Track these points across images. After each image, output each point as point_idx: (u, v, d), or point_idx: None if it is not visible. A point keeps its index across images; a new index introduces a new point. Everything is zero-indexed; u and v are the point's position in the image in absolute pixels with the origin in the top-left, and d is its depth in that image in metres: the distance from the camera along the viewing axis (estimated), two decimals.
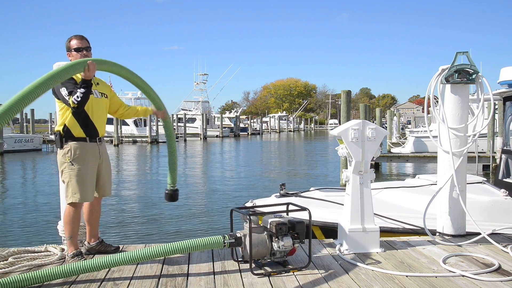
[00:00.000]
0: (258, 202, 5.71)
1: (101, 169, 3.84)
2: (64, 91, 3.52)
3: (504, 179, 5.69)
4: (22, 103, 2.72)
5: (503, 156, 5.85)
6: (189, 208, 11.17)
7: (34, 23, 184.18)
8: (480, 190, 5.29)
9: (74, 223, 3.68)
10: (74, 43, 3.77)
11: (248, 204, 5.57)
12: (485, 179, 5.87)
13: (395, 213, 4.97)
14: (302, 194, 5.87)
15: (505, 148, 5.86)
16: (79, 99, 3.43)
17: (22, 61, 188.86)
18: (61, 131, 3.64)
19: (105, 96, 3.88)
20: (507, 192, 5.07)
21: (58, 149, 3.68)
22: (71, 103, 3.47)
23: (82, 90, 3.42)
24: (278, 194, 5.85)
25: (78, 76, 3.57)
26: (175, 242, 3.34)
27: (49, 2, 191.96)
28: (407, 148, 21.79)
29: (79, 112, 3.62)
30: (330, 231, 4.79)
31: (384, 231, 4.45)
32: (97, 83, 3.85)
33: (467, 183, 4.45)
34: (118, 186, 15.16)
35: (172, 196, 4.21)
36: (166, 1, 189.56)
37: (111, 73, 3.71)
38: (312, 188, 6.29)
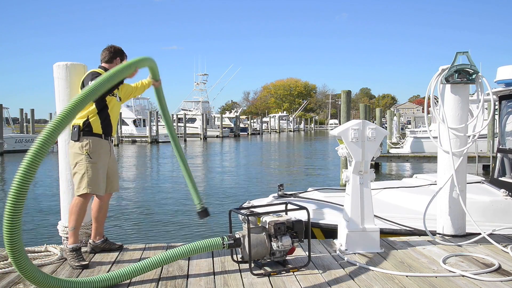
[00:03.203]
0: (256, 202, 5.69)
1: (110, 165, 3.94)
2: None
3: (500, 178, 5.70)
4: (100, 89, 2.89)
5: (499, 155, 5.85)
6: (189, 208, 11.17)
7: (34, 23, 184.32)
8: (479, 190, 5.29)
9: (80, 215, 3.71)
10: (125, 58, 4.03)
11: (246, 205, 5.56)
12: (484, 178, 5.87)
13: (395, 214, 4.97)
14: (300, 195, 5.84)
15: (501, 147, 5.86)
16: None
17: (22, 61, 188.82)
18: (81, 125, 3.71)
19: (120, 99, 4.01)
20: (507, 192, 5.07)
21: (73, 141, 3.73)
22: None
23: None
24: (276, 195, 5.83)
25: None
26: (174, 249, 3.34)
27: (49, 2, 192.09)
28: (406, 148, 21.81)
29: (104, 112, 3.77)
30: (331, 232, 4.78)
31: (384, 233, 4.44)
32: (118, 89, 3.98)
33: (466, 183, 4.45)
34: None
35: (206, 212, 4.30)
36: (164, 1, 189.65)
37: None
38: (310, 189, 6.25)
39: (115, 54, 3.95)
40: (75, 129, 3.72)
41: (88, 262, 3.65)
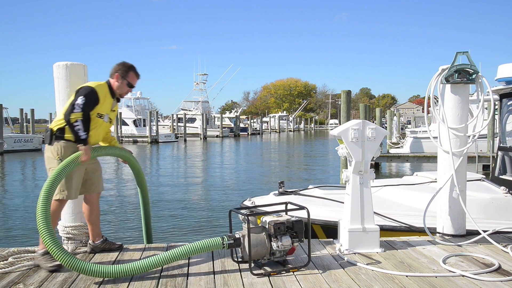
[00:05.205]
0: (257, 200, 5.70)
1: (90, 168, 3.87)
2: (81, 100, 3.54)
3: (501, 176, 5.70)
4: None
5: (500, 153, 5.85)
6: (190, 208, 11.18)
7: (34, 23, 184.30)
8: (479, 187, 5.29)
9: (54, 220, 3.63)
10: (132, 76, 3.87)
11: (246, 202, 5.57)
12: (484, 176, 5.87)
13: (395, 211, 4.97)
14: (301, 192, 5.85)
15: (501, 145, 5.87)
16: (74, 127, 3.52)
17: (22, 61, 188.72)
18: (54, 130, 3.66)
19: (110, 121, 3.94)
20: (507, 189, 5.07)
21: (47, 145, 3.70)
22: (71, 116, 3.51)
23: (84, 134, 3.56)
24: (276, 192, 5.83)
25: (107, 100, 3.74)
26: (174, 249, 3.35)
27: (49, 2, 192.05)
28: (406, 148, 21.82)
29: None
30: (331, 229, 4.78)
31: (384, 230, 4.45)
32: (113, 110, 3.91)
33: (466, 181, 4.45)
34: (118, 185, 15.17)
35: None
36: (164, 1, 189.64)
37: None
38: (310, 186, 6.26)
39: (115, 69, 3.85)
40: (48, 132, 3.67)
41: (61, 263, 3.47)
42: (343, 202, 4.14)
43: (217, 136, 54.50)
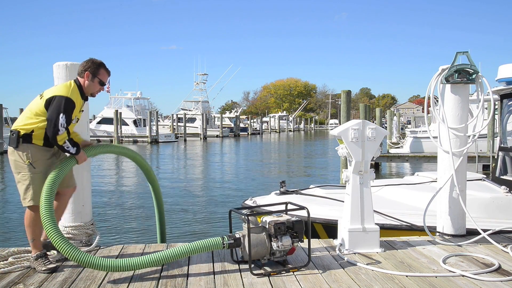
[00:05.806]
0: (258, 199, 5.71)
1: None
2: (63, 119, 3.39)
3: (502, 176, 5.70)
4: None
5: (500, 153, 5.85)
6: (190, 208, 11.17)
7: (34, 23, 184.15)
8: (480, 187, 5.30)
9: (36, 226, 3.52)
10: (103, 73, 3.67)
11: (248, 202, 5.58)
12: (485, 176, 5.88)
13: (395, 210, 4.98)
14: (302, 192, 5.87)
15: (502, 145, 5.87)
16: (64, 148, 3.49)
17: (22, 61, 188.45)
18: (21, 133, 3.46)
19: (77, 121, 3.76)
20: (508, 188, 5.07)
21: (12, 148, 3.49)
22: (58, 140, 3.42)
23: (74, 149, 3.55)
24: (278, 191, 5.84)
25: (78, 103, 3.58)
26: (174, 248, 3.36)
27: (49, 2, 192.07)
28: (405, 148, 21.83)
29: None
30: (332, 228, 4.79)
31: (384, 228, 4.45)
32: (82, 110, 3.75)
33: (467, 180, 4.45)
34: (118, 185, 15.16)
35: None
36: (163, 1, 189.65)
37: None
38: (312, 186, 6.28)
39: (83, 67, 3.62)
40: (14, 135, 3.46)
41: (56, 265, 3.50)
42: (343, 201, 4.14)
43: (217, 136, 54.50)
